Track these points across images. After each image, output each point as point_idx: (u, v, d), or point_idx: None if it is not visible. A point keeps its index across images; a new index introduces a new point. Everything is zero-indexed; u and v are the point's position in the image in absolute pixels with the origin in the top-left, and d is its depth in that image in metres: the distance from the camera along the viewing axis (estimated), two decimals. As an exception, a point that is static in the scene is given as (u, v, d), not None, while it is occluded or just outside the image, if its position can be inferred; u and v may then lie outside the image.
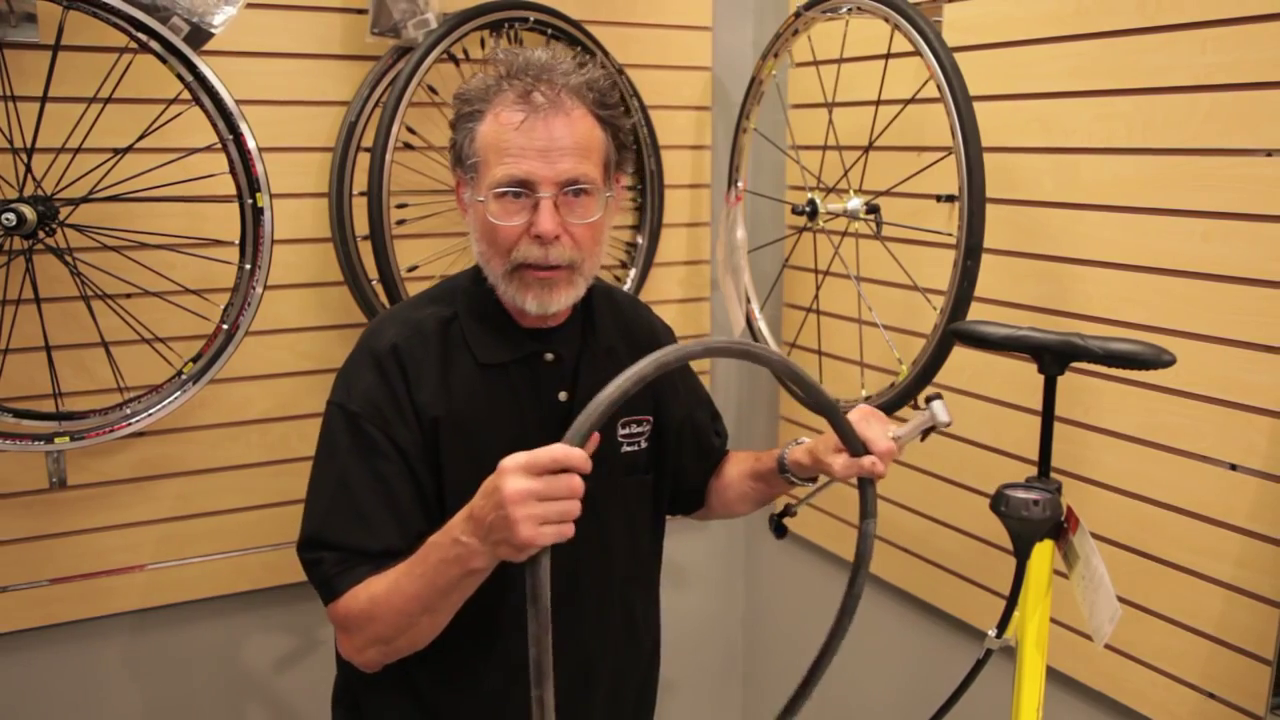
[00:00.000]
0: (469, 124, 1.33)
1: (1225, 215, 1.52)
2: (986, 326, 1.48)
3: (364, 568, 1.30)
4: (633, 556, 1.53)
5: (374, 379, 1.34)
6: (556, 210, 1.29)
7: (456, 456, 1.35)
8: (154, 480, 1.98)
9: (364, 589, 1.29)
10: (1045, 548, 1.41)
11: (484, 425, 1.37)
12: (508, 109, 1.29)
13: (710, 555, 2.71)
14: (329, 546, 1.32)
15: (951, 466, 2.03)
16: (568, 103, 1.30)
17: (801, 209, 2.08)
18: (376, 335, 1.38)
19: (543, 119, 1.28)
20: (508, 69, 1.32)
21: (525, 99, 1.29)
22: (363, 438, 1.33)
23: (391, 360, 1.34)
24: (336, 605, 1.31)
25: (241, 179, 1.81)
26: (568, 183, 1.30)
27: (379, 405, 1.33)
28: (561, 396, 1.42)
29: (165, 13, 1.71)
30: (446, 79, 2.10)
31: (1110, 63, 1.65)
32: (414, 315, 1.40)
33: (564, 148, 1.29)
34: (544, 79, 1.30)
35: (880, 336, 2.08)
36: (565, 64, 1.33)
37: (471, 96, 1.33)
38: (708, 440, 1.64)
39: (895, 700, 2.29)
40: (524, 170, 1.28)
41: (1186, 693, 1.63)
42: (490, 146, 1.30)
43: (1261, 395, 1.49)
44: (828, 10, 1.99)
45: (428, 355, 1.36)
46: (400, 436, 1.33)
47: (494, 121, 1.30)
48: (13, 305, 1.77)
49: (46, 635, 1.96)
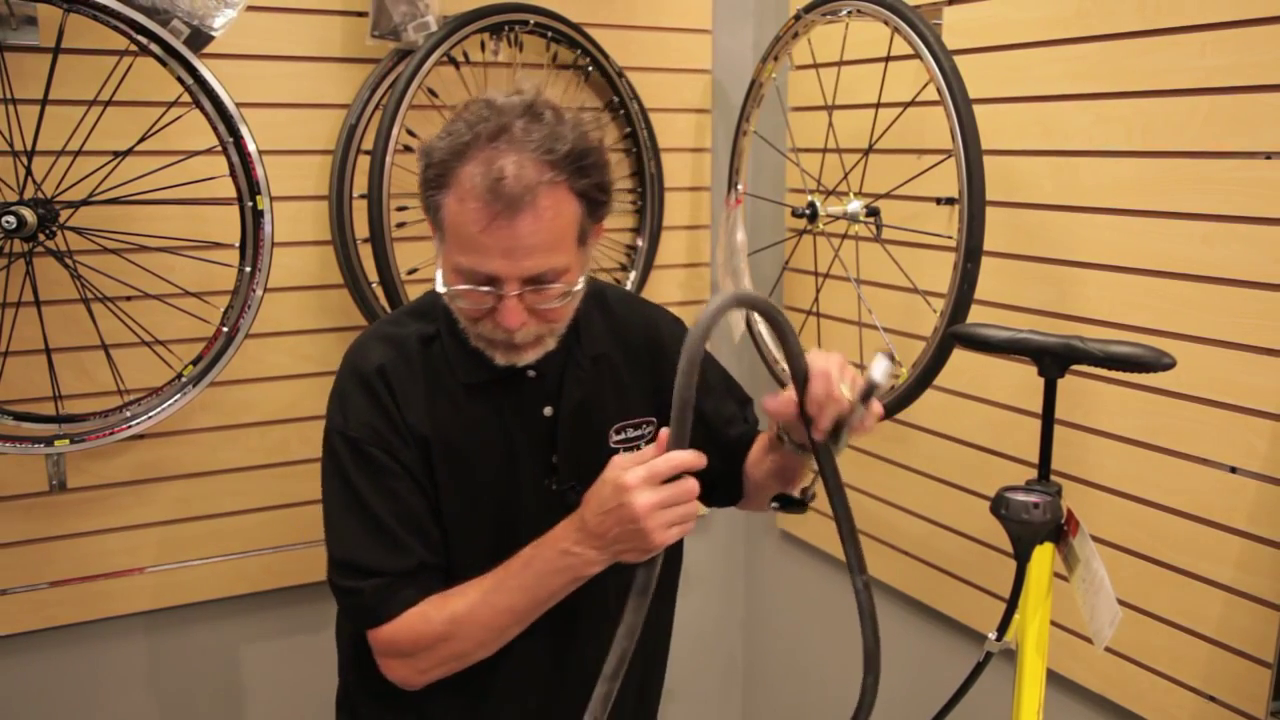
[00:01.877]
0: (434, 191, 1.23)
1: (1225, 218, 1.52)
2: (987, 329, 1.48)
3: (407, 590, 1.30)
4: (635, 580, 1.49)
5: (366, 402, 1.33)
6: (521, 301, 1.24)
7: (447, 476, 1.35)
8: (154, 483, 1.98)
9: (435, 611, 1.29)
10: (1045, 550, 1.41)
11: (470, 445, 1.35)
12: (472, 198, 1.18)
13: (710, 557, 2.71)
14: (364, 572, 1.31)
15: (952, 469, 2.03)
16: (538, 192, 1.19)
17: (801, 212, 2.09)
18: (362, 356, 1.36)
19: (506, 219, 1.18)
20: (475, 134, 1.20)
21: (492, 190, 1.17)
22: (369, 461, 1.31)
23: (379, 382, 1.33)
24: (383, 630, 1.30)
25: (242, 182, 1.81)
26: (533, 280, 1.23)
27: (377, 428, 1.32)
28: (546, 411, 1.39)
29: (165, 16, 1.71)
30: (447, 82, 2.10)
31: (1110, 65, 1.65)
32: (397, 333, 1.38)
33: (529, 246, 1.20)
34: (514, 161, 1.18)
35: (880, 339, 2.08)
36: (540, 132, 1.20)
37: (436, 159, 1.22)
38: (724, 431, 1.55)
39: (896, 702, 2.29)
40: (488, 269, 1.21)
41: (1187, 695, 1.63)
42: (452, 231, 1.22)
43: (1262, 398, 1.49)
44: (827, 13, 1.99)
45: (412, 376, 1.34)
46: (402, 455, 1.32)
47: (458, 205, 1.20)
48: (13, 308, 1.77)
49: (46, 638, 1.96)
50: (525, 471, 1.38)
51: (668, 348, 1.49)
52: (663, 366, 1.47)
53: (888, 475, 2.19)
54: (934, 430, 2.06)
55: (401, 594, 1.30)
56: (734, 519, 2.71)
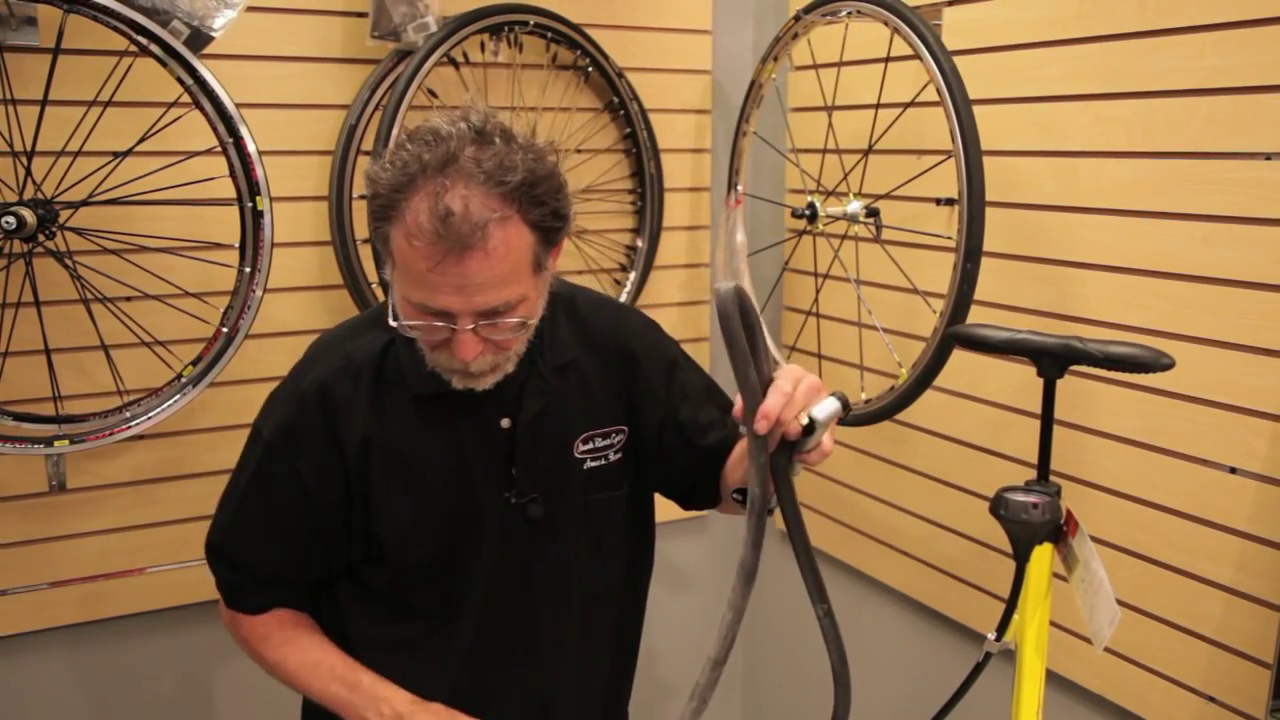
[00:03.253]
0: (381, 223, 1.18)
1: (1225, 219, 1.52)
2: (986, 330, 1.48)
3: (263, 593, 1.41)
4: (601, 573, 1.46)
5: (292, 414, 1.33)
6: (476, 333, 1.20)
7: (389, 483, 1.33)
8: (153, 483, 1.98)
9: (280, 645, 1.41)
10: (1045, 551, 1.41)
11: (420, 454, 1.34)
12: (420, 235, 1.13)
13: (710, 557, 2.71)
14: (226, 563, 1.41)
15: (951, 470, 2.03)
16: (488, 230, 1.13)
17: (801, 212, 2.09)
18: (306, 369, 1.35)
19: (456, 258, 1.13)
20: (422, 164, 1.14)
21: (440, 229, 1.12)
22: (268, 469, 1.35)
23: (314, 397, 1.32)
24: (237, 618, 1.43)
25: (241, 182, 1.81)
26: (487, 314, 1.19)
27: (293, 440, 1.33)
28: (504, 423, 1.36)
29: (165, 16, 1.71)
30: (447, 82, 2.10)
31: (1110, 66, 1.65)
32: (348, 346, 1.35)
33: (481, 283, 1.16)
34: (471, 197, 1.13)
35: (880, 340, 2.08)
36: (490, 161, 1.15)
37: (382, 190, 1.16)
38: (702, 438, 1.47)
39: (895, 703, 2.29)
40: (440, 305, 1.17)
41: (1186, 696, 1.63)
42: (402, 266, 1.18)
43: (1261, 398, 1.50)
44: (827, 14, 1.99)
45: (357, 390, 1.32)
46: (308, 472, 1.33)
47: (405, 241, 1.15)
48: (13, 308, 1.77)
49: (46, 639, 1.96)
50: (482, 483, 1.36)
51: (640, 355, 1.46)
52: (635, 373, 1.45)
53: (887, 475, 2.19)
54: (933, 431, 2.06)
55: (254, 597, 1.41)
56: (733, 521, 2.70)
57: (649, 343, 1.49)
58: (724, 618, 1.12)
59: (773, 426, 1.10)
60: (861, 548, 2.30)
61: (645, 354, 1.47)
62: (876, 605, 2.30)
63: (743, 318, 1.08)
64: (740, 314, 1.07)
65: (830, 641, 1.17)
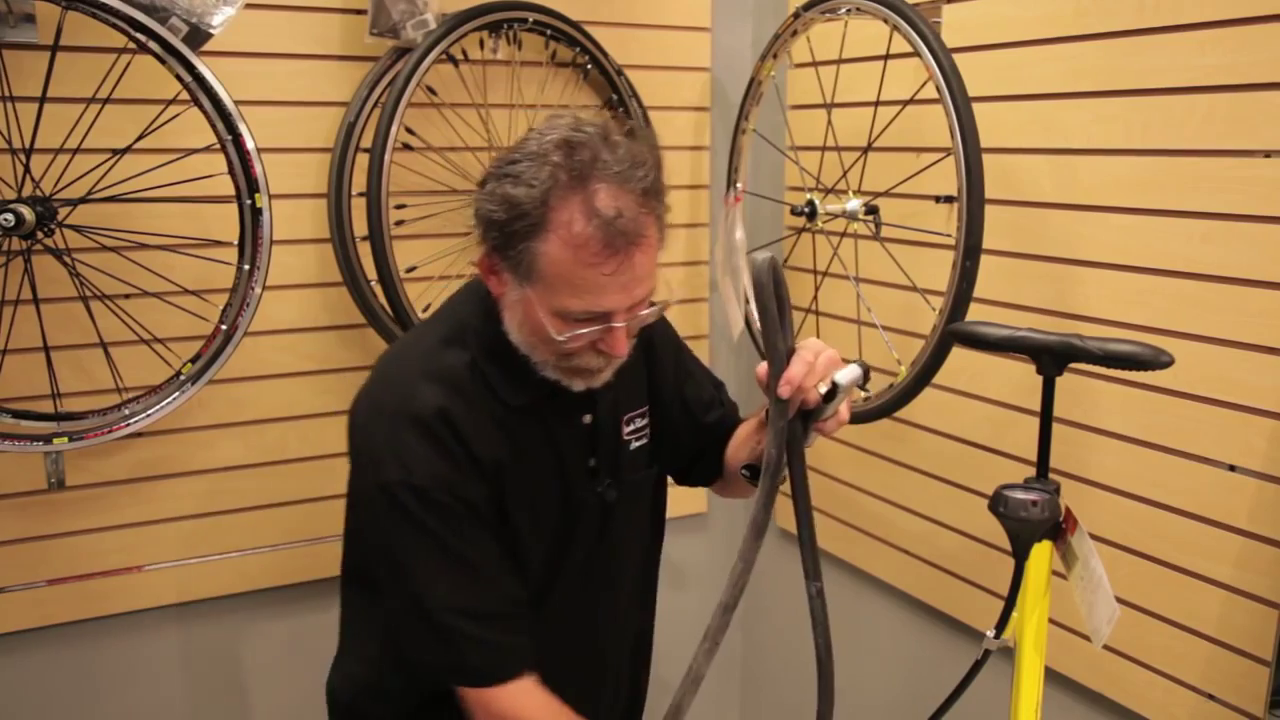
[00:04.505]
0: (525, 241, 1.19)
1: (1224, 216, 1.52)
2: (985, 327, 1.48)
3: (518, 657, 1.30)
4: (637, 546, 1.55)
5: (430, 450, 1.26)
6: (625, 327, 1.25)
7: (513, 497, 1.34)
8: (152, 481, 1.98)
9: (536, 706, 1.30)
10: (1044, 548, 1.41)
11: (528, 463, 1.35)
12: (586, 245, 1.16)
13: (710, 555, 2.71)
14: (473, 615, 1.29)
15: (950, 467, 2.03)
16: (644, 225, 1.19)
17: (800, 210, 2.08)
18: (412, 398, 1.28)
19: (626, 256, 1.18)
20: (570, 169, 1.17)
21: (605, 234, 1.16)
22: (441, 509, 1.27)
23: (442, 426, 1.27)
24: (495, 694, 1.29)
25: (240, 180, 1.81)
26: (640, 304, 1.25)
27: (444, 475, 1.27)
28: (585, 419, 1.40)
29: (164, 13, 1.71)
30: (445, 80, 2.10)
31: (1109, 64, 1.65)
32: (439, 366, 1.31)
33: (640, 275, 1.21)
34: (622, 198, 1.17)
35: (879, 337, 2.08)
36: (622, 164, 1.19)
37: (526, 208, 1.17)
38: (704, 415, 1.57)
39: (894, 701, 2.29)
40: (605, 306, 1.21)
41: (1185, 694, 1.63)
42: (563, 278, 1.19)
43: (1260, 396, 1.49)
44: (827, 11, 1.99)
45: (471, 408, 1.29)
46: (470, 495, 1.29)
47: (568, 251, 1.17)
48: (11, 306, 1.77)
49: (44, 636, 1.96)
50: (572, 478, 1.40)
51: (655, 337, 1.51)
52: (652, 355, 1.51)
53: (886, 473, 2.19)
54: (933, 428, 2.06)
55: (516, 656, 1.30)
56: (734, 518, 2.71)
57: (661, 325, 1.54)
58: (735, 567, 1.18)
59: (793, 393, 1.17)
60: (860, 545, 2.30)
61: (659, 336, 1.54)
62: (875, 602, 2.30)
63: (775, 289, 1.16)
64: (773, 284, 1.15)
65: (818, 622, 1.21)
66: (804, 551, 1.23)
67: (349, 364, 2.12)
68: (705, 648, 1.19)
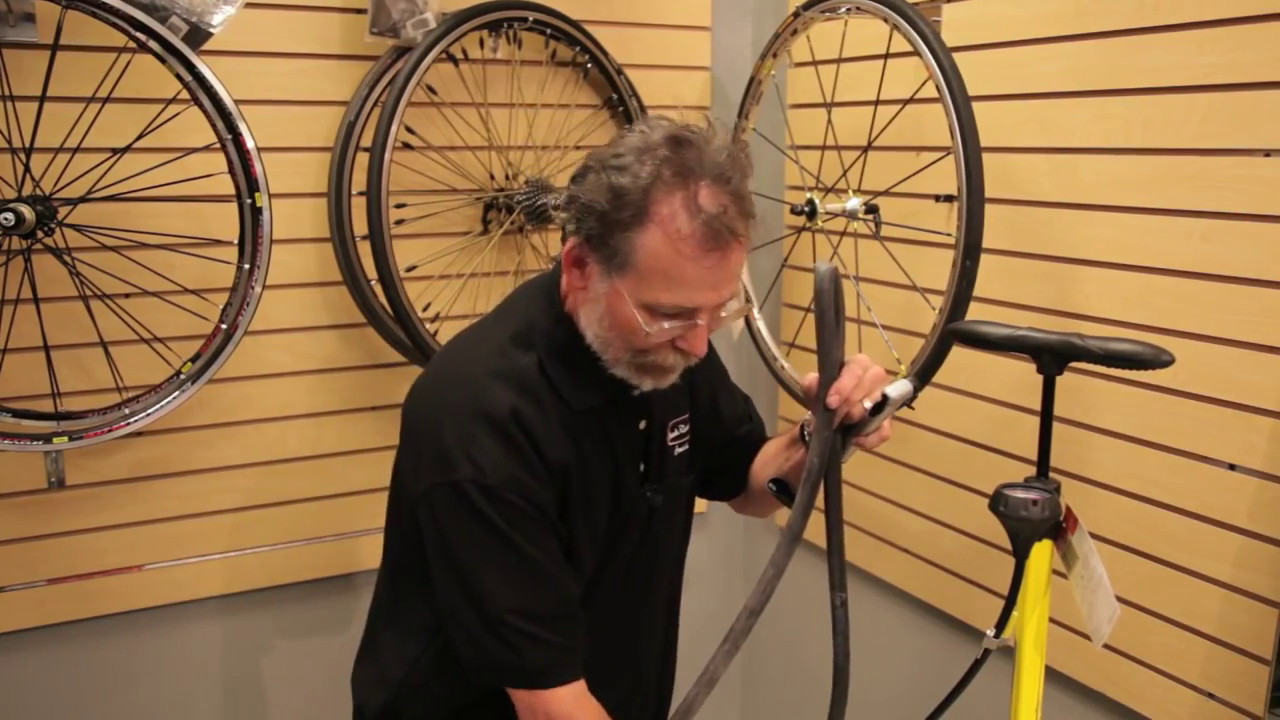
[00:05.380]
0: (627, 229, 1.20)
1: (1224, 215, 1.52)
2: (985, 326, 1.48)
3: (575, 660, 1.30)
4: (674, 552, 1.57)
5: (503, 450, 1.26)
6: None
7: (576, 500, 1.35)
8: (152, 480, 1.98)
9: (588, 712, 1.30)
10: (1044, 548, 1.41)
11: (589, 466, 1.35)
12: (688, 240, 1.18)
13: (710, 555, 2.71)
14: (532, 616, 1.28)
15: (951, 467, 2.03)
16: (741, 228, 1.22)
17: (800, 209, 2.08)
18: (487, 398, 1.27)
19: (723, 254, 1.20)
20: (676, 164, 1.19)
21: (708, 230, 1.18)
22: (511, 508, 1.26)
23: (515, 426, 1.26)
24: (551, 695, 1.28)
25: (240, 179, 1.81)
26: (725, 304, 1.27)
27: (516, 475, 1.26)
28: (641, 425, 1.41)
29: (164, 12, 1.71)
30: (445, 79, 2.10)
31: (1109, 63, 1.65)
32: (510, 367, 1.31)
33: (732, 275, 1.24)
34: (724, 198, 1.20)
35: (879, 336, 2.08)
36: (725, 162, 1.21)
37: (631, 198, 1.19)
38: (736, 428, 1.60)
39: (894, 699, 2.29)
40: (697, 302, 1.23)
41: (1185, 693, 1.63)
42: (659, 271, 1.20)
43: (1260, 395, 1.50)
44: (826, 10, 1.99)
45: (543, 410, 1.30)
46: (539, 498, 1.29)
47: (668, 245, 1.19)
48: (11, 305, 1.77)
49: (43, 635, 1.96)
50: (625, 482, 1.41)
51: None
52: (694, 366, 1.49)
53: (887, 472, 2.19)
54: (933, 428, 2.06)
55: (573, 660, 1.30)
56: (732, 518, 2.70)
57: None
58: (765, 572, 1.19)
59: (841, 404, 1.20)
60: (861, 544, 2.30)
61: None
62: (876, 601, 2.30)
63: (834, 298, 1.17)
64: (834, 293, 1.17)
65: (839, 633, 1.22)
66: (831, 562, 1.24)
67: (349, 363, 2.12)
68: (725, 649, 1.19)
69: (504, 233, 2.20)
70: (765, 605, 1.20)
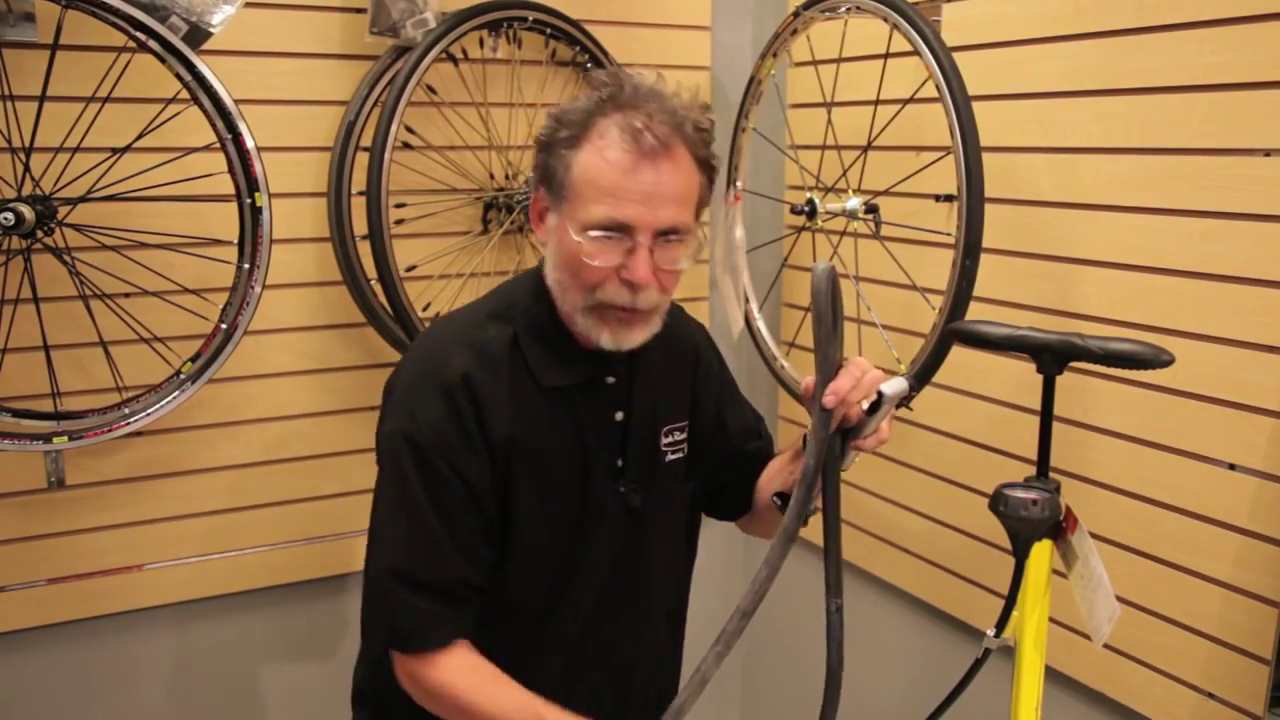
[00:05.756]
0: (565, 150, 1.26)
1: (1224, 215, 1.52)
2: (985, 326, 1.48)
3: (450, 623, 1.31)
4: (671, 562, 1.54)
5: (443, 410, 1.29)
6: (650, 256, 1.26)
7: (525, 480, 1.34)
8: (152, 480, 1.98)
9: (462, 677, 1.30)
10: (1044, 547, 1.41)
11: (548, 447, 1.35)
12: (614, 146, 1.23)
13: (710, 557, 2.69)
14: (412, 584, 1.30)
15: (950, 466, 2.03)
16: (675, 147, 1.25)
17: (800, 208, 2.08)
18: (443, 361, 1.32)
19: (650, 163, 1.23)
20: (612, 97, 1.26)
21: (634, 138, 1.23)
22: (432, 472, 1.29)
23: (462, 391, 1.29)
24: (424, 665, 1.30)
25: (240, 178, 1.81)
26: (666, 230, 1.26)
27: (447, 437, 1.29)
28: (618, 416, 1.41)
29: (164, 12, 1.71)
30: (445, 79, 2.10)
31: (1109, 63, 1.65)
32: (479, 337, 1.34)
33: (667, 194, 1.25)
34: (654, 116, 1.24)
35: (879, 336, 2.08)
36: (675, 99, 1.28)
37: (570, 120, 1.26)
38: (744, 443, 1.59)
39: (894, 699, 2.29)
40: (625, 215, 1.24)
41: (1185, 692, 1.63)
42: (589, 182, 1.25)
43: (1260, 395, 1.50)
44: (826, 10, 1.99)
45: (497, 382, 1.32)
46: (467, 468, 1.30)
47: (597, 155, 1.24)
48: (11, 305, 1.77)
49: (44, 635, 1.96)
50: (596, 474, 1.40)
51: (701, 355, 1.54)
52: (696, 372, 1.53)
53: (887, 472, 2.19)
54: (933, 427, 2.06)
55: (444, 626, 1.30)
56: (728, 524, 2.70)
57: (706, 344, 1.58)
58: (759, 573, 1.17)
59: (837, 405, 1.19)
60: (861, 544, 2.30)
61: (704, 354, 1.56)
62: (876, 601, 2.30)
63: (831, 298, 1.16)
64: (831, 294, 1.15)
65: (833, 639, 1.20)
66: (828, 567, 1.22)
67: (349, 363, 2.12)
68: (717, 650, 1.18)
69: (504, 232, 2.20)
70: (758, 606, 1.19)
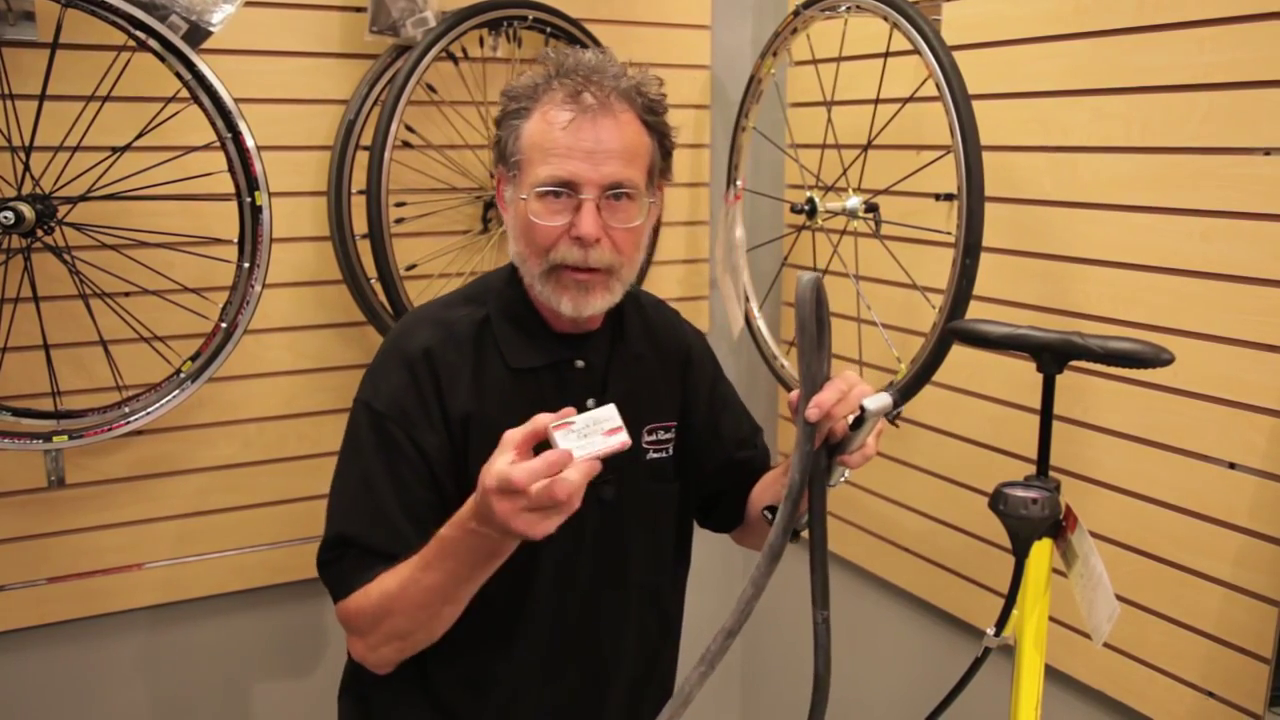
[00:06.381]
0: (514, 121, 1.31)
1: (1224, 214, 1.52)
2: (985, 325, 1.48)
3: (377, 569, 1.29)
4: (654, 562, 1.52)
5: (403, 381, 1.33)
6: (599, 213, 1.28)
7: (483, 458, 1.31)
8: (152, 479, 1.98)
9: (375, 586, 1.29)
10: (1044, 546, 1.41)
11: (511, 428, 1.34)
12: (555, 108, 1.28)
13: (709, 556, 2.70)
14: (349, 544, 1.32)
15: (951, 465, 2.03)
16: (616, 105, 1.29)
17: (800, 208, 2.08)
18: (408, 336, 1.37)
19: (590, 120, 1.27)
20: (557, 68, 1.31)
21: (574, 99, 1.27)
22: (387, 439, 1.32)
23: (423, 364, 1.33)
24: (346, 604, 1.31)
25: (240, 177, 1.81)
26: (611, 186, 1.28)
27: (405, 408, 1.32)
28: (590, 404, 1.40)
29: (164, 11, 1.71)
30: (445, 77, 2.10)
31: (1109, 62, 1.65)
32: (447, 316, 1.39)
33: (610, 150, 1.27)
34: (594, 80, 1.28)
35: (879, 335, 2.08)
36: (616, 66, 1.32)
37: (519, 94, 1.32)
38: (736, 451, 1.59)
39: (894, 698, 2.29)
40: (568, 171, 1.27)
41: (1185, 691, 1.63)
42: (535, 145, 1.29)
43: (1260, 394, 1.50)
44: (827, 9, 1.99)
45: (461, 359, 1.35)
46: (424, 440, 1.32)
47: (541, 120, 1.29)
48: (11, 304, 1.77)
49: (44, 634, 1.96)
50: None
51: (694, 358, 1.54)
52: (688, 375, 1.53)
53: (887, 471, 2.19)
54: (933, 426, 2.06)
55: (371, 571, 1.29)
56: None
57: (700, 349, 1.58)
58: (744, 592, 1.15)
59: (821, 418, 1.16)
60: (860, 543, 2.30)
61: (698, 358, 1.56)
62: (876, 600, 2.30)
63: (816, 309, 1.13)
64: (815, 304, 1.13)
65: (819, 649, 1.18)
66: (814, 580, 1.19)
67: (349, 362, 2.12)
68: (700, 671, 1.16)
69: (504, 231, 2.19)
70: (743, 626, 1.16)
